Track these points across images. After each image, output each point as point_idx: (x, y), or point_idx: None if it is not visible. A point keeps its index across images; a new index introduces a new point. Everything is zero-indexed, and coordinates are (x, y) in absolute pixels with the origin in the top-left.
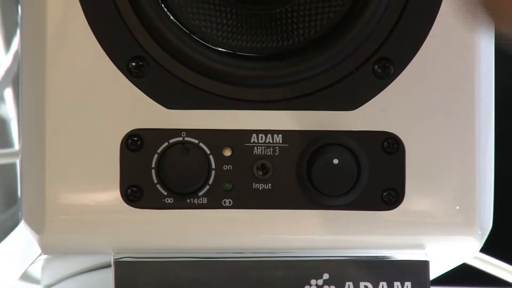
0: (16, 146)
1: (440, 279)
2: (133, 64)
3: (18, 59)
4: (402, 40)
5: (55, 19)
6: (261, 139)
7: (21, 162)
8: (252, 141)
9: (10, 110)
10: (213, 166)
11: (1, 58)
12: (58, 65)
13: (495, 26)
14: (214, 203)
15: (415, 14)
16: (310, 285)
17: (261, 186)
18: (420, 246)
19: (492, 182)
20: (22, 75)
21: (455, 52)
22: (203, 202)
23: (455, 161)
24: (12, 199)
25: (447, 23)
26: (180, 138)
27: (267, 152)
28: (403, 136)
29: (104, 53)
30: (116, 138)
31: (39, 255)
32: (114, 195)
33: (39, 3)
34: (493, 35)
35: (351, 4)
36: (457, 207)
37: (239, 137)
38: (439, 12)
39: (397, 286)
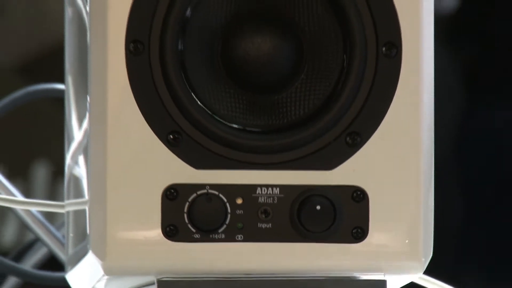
0: (86, 197)
1: None
2: (171, 136)
3: (87, 135)
4: (367, 118)
5: (114, 105)
6: (264, 191)
7: (89, 208)
8: (257, 193)
9: (82, 171)
10: (229, 211)
11: (75, 133)
12: (115, 138)
13: None
14: (229, 238)
15: (377, 98)
16: None
17: (264, 225)
18: (380, 270)
19: (432, 222)
20: (90, 146)
21: (406, 127)
22: (222, 237)
23: (405, 207)
24: (83, 235)
25: (400, 105)
26: (205, 190)
27: (268, 200)
28: (367, 189)
29: (150, 128)
30: (158, 190)
31: (102, 276)
32: (156, 232)
33: (102, 94)
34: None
35: (330, 93)
36: (406, 241)
37: (248, 190)
38: (395, 95)
39: None
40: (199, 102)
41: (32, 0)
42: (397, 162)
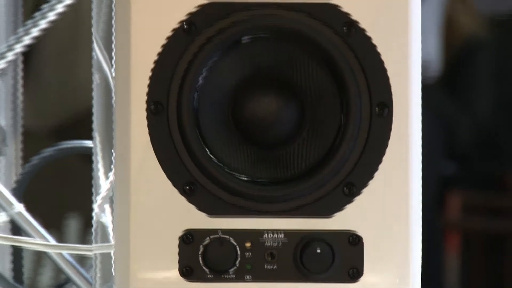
0: (112, 241)
1: None
2: (187, 186)
3: (112, 186)
4: (362, 170)
5: (136, 159)
6: (270, 236)
7: (114, 251)
8: (264, 237)
9: (108, 219)
10: (239, 254)
11: (102, 185)
12: (137, 189)
13: None
14: (239, 278)
15: (370, 153)
16: None
17: (270, 266)
18: None
19: (420, 262)
20: (115, 196)
21: (396, 178)
22: (232, 277)
23: (396, 249)
24: (109, 276)
25: (391, 159)
26: (217, 235)
27: (274, 244)
28: (362, 234)
29: (168, 180)
30: (176, 235)
31: None
32: (174, 272)
33: (126, 149)
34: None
35: (329, 148)
36: (397, 280)
37: (256, 235)
38: (386, 150)
39: None
40: (212, 156)
41: (64, 67)
42: (389, 210)
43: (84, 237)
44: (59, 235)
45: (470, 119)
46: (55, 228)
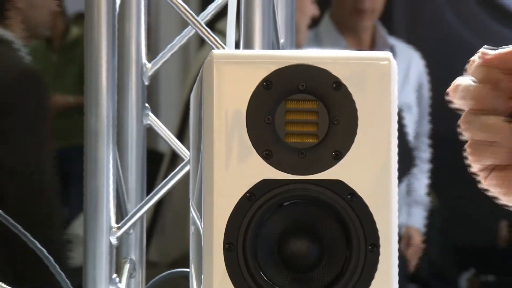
0: None
1: None
2: None
3: None
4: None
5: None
6: None
7: None
8: None
9: None
10: None
11: None
12: None
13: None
14: None
15: (365, 276)
16: None
17: None
18: None
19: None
20: None
21: None
22: None
23: None
24: None
25: (380, 281)
26: None
27: None
28: None
29: None
30: None
31: None
32: None
33: (209, 279)
34: None
35: (339, 273)
36: None
37: None
38: (375, 275)
39: None
40: (265, 278)
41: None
42: None
43: None
44: None
45: None
46: None
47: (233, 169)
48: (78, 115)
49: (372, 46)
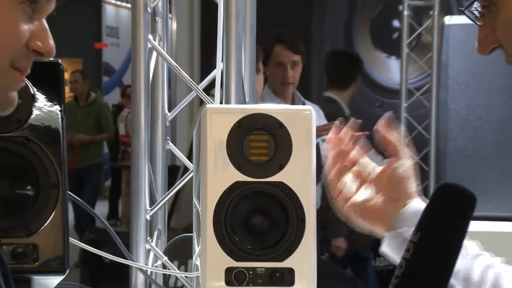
0: None
1: None
2: (228, 250)
3: None
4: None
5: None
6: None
7: None
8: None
9: None
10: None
11: None
12: None
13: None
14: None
15: (295, 240)
16: None
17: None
18: None
19: None
20: None
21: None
22: None
23: None
24: None
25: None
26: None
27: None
28: None
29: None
30: None
31: None
32: None
33: (204, 244)
34: None
35: (280, 237)
36: None
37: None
38: (302, 242)
39: None
40: (238, 240)
41: None
42: None
43: None
44: None
45: None
46: None
47: (218, 174)
48: (93, 146)
49: (293, 102)
